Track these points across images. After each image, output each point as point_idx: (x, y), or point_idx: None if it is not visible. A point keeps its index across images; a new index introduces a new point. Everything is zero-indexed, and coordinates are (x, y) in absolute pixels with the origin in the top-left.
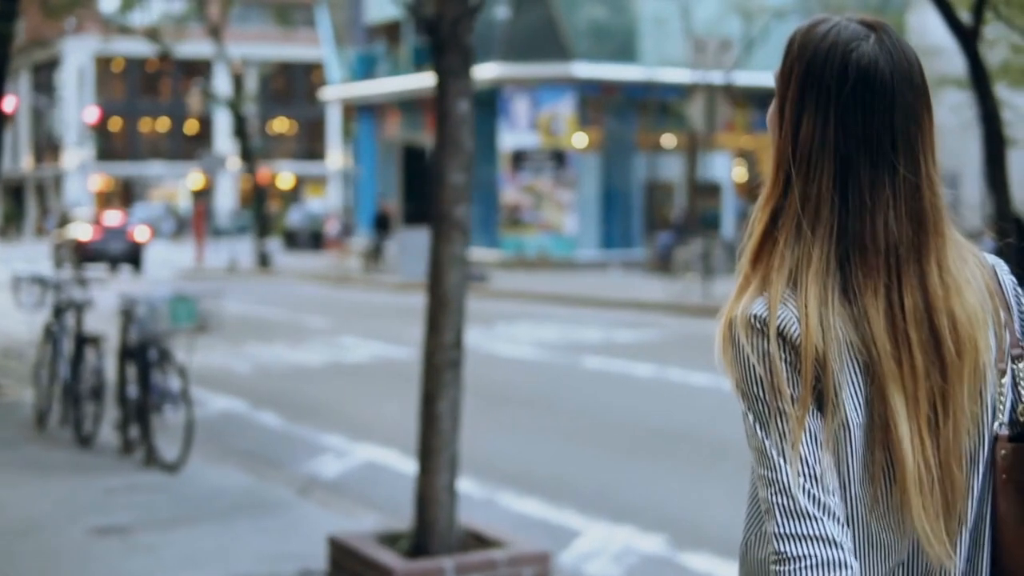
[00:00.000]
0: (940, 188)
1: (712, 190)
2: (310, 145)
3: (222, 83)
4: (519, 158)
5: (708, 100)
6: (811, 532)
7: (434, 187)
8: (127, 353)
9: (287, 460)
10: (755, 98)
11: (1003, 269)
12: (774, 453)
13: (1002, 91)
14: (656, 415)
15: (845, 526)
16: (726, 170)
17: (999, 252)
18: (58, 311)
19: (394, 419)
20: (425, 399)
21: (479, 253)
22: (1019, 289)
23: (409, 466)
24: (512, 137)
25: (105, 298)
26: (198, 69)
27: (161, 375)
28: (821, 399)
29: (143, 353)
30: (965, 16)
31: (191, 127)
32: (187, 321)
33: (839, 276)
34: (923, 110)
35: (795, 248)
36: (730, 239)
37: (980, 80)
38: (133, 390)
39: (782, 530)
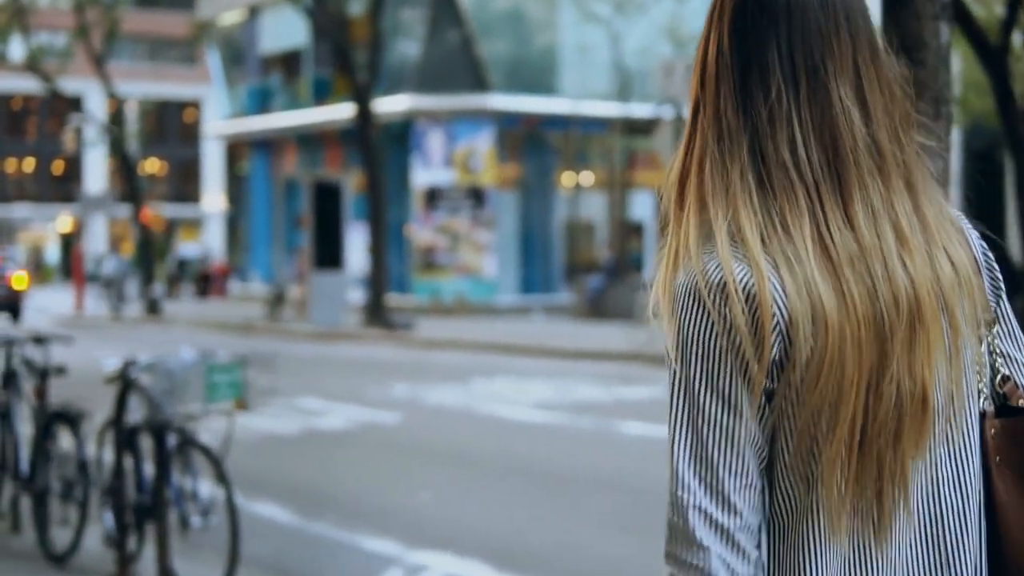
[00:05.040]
0: (867, 123)
1: (635, 230)
2: (183, 187)
3: (96, 121)
4: (433, 196)
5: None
6: (697, 562)
7: None
8: (126, 437)
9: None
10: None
11: (966, 224)
12: (679, 456)
13: None
14: None
15: (751, 543)
16: (646, 209)
17: None
18: (7, 378)
19: (445, 514)
20: None
21: (393, 299)
22: (984, 245)
23: None
24: (426, 174)
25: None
26: (68, 106)
27: (182, 470)
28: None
29: (159, 439)
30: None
31: (59, 167)
32: (229, 396)
33: (765, 203)
34: (835, 34)
35: (722, 175)
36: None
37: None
38: (132, 488)
39: (669, 549)
